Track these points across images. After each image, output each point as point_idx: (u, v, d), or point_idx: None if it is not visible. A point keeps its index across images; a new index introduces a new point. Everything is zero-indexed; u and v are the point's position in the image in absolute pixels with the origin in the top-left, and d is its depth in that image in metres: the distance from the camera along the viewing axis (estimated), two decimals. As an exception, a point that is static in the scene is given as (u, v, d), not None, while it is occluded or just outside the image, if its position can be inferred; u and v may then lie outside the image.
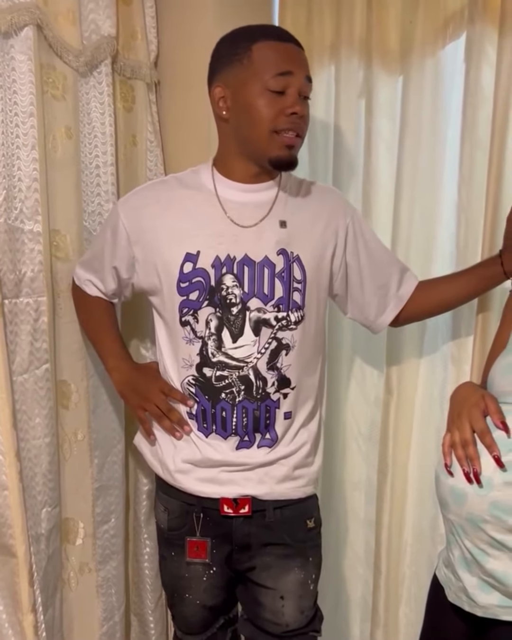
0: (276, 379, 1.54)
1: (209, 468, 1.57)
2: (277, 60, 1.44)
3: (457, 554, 1.22)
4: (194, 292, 1.52)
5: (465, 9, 1.67)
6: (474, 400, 1.23)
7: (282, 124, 1.44)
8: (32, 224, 1.67)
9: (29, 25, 1.59)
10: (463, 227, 1.73)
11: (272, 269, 1.51)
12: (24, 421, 1.72)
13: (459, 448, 1.20)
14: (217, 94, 1.49)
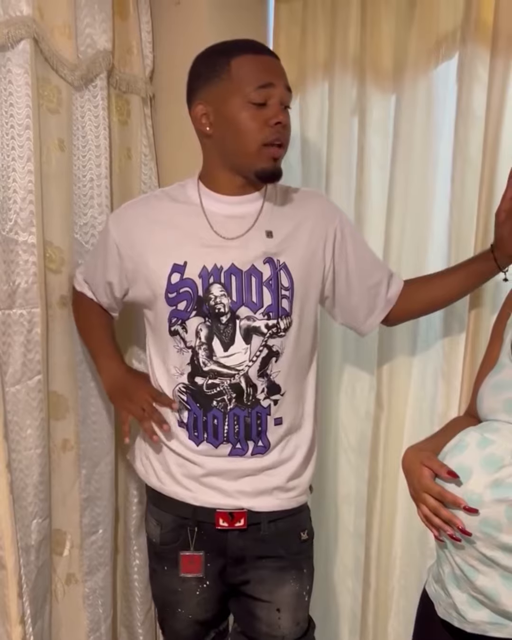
0: (265, 386, 1.55)
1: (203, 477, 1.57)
2: (257, 73, 1.46)
3: (447, 569, 1.23)
4: (182, 302, 1.53)
5: (457, 30, 1.69)
6: (418, 471, 1.26)
7: (269, 136, 1.46)
8: (27, 235, 1.68)
9: (26, 38, 1.61)
10: (454, 245, 1.75)
11: (259, 277, 1.53)
12: (15, 432, 1.72)
13: (434, 518, 1.22)
14: (199, 111, 1.51)
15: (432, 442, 1.34)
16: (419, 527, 1.90)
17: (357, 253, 1.64)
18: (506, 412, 1.22)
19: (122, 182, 1.96)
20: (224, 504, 1.57)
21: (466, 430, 1.24)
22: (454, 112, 1.71)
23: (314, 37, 1.94)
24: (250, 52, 1.49)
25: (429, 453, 1.26)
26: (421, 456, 1.26)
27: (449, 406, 1.82)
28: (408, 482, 1.30)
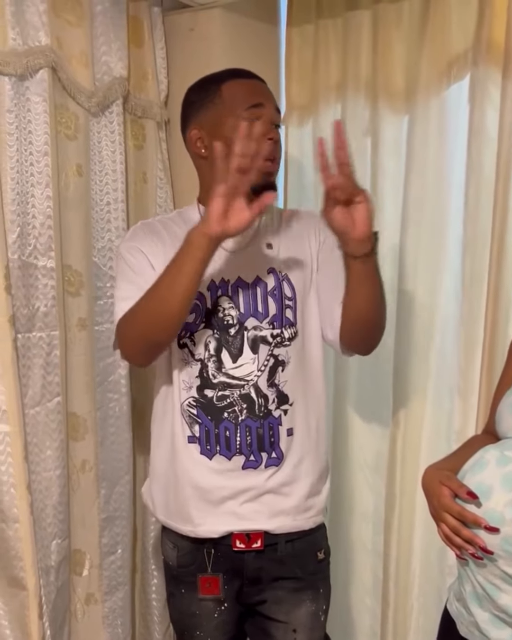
0: (275, 396, 1.56)
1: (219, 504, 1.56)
2: (246, 94, 1.54)
3: (469, 588, 1.23)
4: (191, 315, 1.55)
5: (469, 52, 1.71)
6: (437, 490, 1.26)
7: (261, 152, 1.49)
8: (46, 259, 1.71)
9: (44, 68, 1.64)
10: (468, 264, 1.76)
11: (264, 287, 1.57)
12: (35, 453, 1.74)
13: (455, 538, 1.22)
14: (194, 135, 1.58)
15: (451, 460, 1.35)
16: (438, 544, 1.90)
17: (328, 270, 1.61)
18: (525, 430, 1.23)
19: (138, 205, 1.99)
20: (241, 528, 1.57)
21: (485, 448, 1.24)
22: (467, 132, 1.73)
23: (326, 59, 1.97)
24: (238, 77, 1.57)
25: (449, 472, 1.26)
26: (440, 475, 1.27)
27: (466, 423, 1.82)
28: (428, 502, 1.31)
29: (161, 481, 1.64)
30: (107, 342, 1.92)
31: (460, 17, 1.72)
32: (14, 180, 1.63)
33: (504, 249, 1.68)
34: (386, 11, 1.83)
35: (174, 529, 1.62)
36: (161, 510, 1.64)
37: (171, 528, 1.63)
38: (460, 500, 1.22)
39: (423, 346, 1.88)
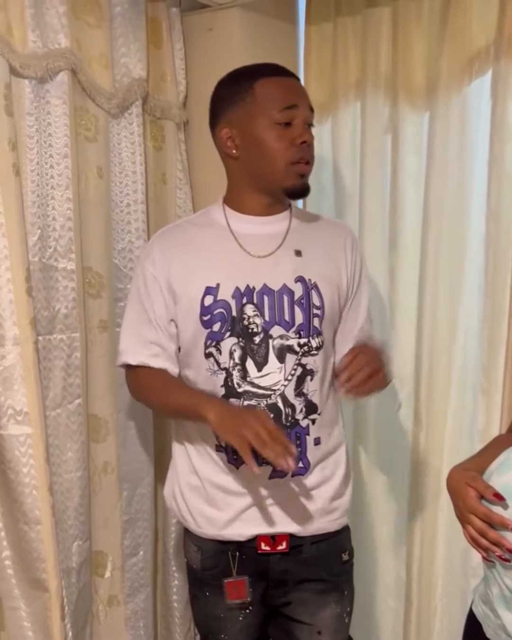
0: (303, 405, 1.54)
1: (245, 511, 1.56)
2: (281, 94, 1.50)
3: (496, 591, 1.22)
4: (217, 324, 1.53)
5: (490, 47, 1.70)
6: (463, 492, 1.24)
7: (295, 154, 1.49)
8: (66, 262, 1.71)
9: (64, 70, 1.65)
10: (491, 261, 1.75)
11: (291, 296, 1.54)
12: (56, 455, 1.74)
13: (481, 539, 1.21)
14: (224, 134, 1.54)
15: (477, 461, 1.33)
16: (461, 545, 1.88)
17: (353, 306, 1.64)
18: (553, 430, 1.21)
19: (157, 206, 1.98)
20: (266, 531, 1.56)
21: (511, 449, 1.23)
22: (489, 128, 1.71)
23: (345, 57, 1.96)
24: (272, 74, 1.53)
25: (474, 473, 1.25)
26: (466, 476, 1.25)
27: (489, 422, 1.81)
28: (453, 503, 1.29)
29: (187, 484, 1.62)
30: (128, 343, 1.93)
31: (481, 12, 1.70)
32: (34, 183, 1.64)
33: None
34: (405, 8, 1.81)
35: (199, 533, 1.61)
36: (186, 513, 1.63)
37: (195, 532, 1.62)
38: (486, 502, 1.21)
39: (446, 344, 1.87)
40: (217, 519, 1.57)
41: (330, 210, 2.03)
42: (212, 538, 1.59)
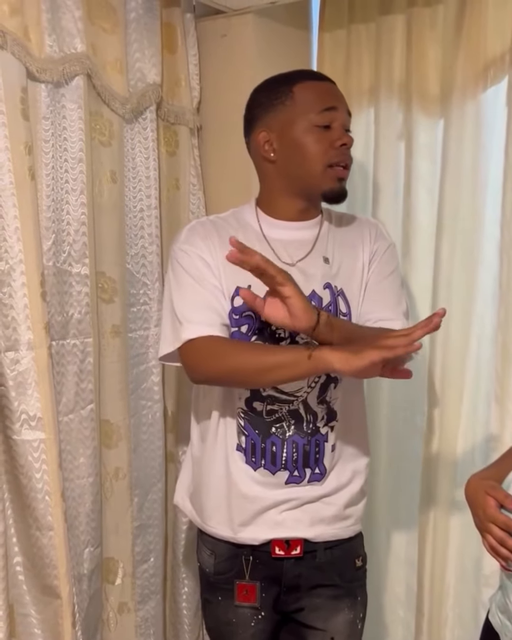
0: (325, 413, 1.54)
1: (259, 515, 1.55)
2: (320, 97, 1.50)
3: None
4: (244, 326, 1.53)
5: (506, 54, 1.70)
6: (483, 501, 1.24)
7: (334, 157, 1.49)
8: (80, 266, 1.71)
9: (80, 75, 1.65)
10: (506, 268, 1.74)
11: (319, 302, 1.53)
12: (68, 461, 1.74)
13: (501, 549, 1.20)
14: (262, 138, 1.53)
15: (495, 469, 1.33)
16: (473, 553, 1.88)
17: (374, 286, 1.59)
18: None
19: (170, 211, 1.98)
20: (281, 536, 1.55)
21: (531, 457, 1.23)
22: (504, 135, 1.71)
23: (358, 63, 1.96)
24: (311, 78, 1.54)
25: (493, 482, 1.24)
26: (485, 485, 1.25)
27: (502, 430, 1.80)
28: (472, 512, 1.28)
29: (202, 484, 1.62)
30: (140, 349, 1.92)
31: (497, 20, 1.70)
32: (50, 187, 1.64)
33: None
34: (420, 15, 1.82)
35: (213, 534, 1.60)
36: (200, 514, 1.63)
37: (209, 533, 1.61)
38: (506, 511, 1.20)
39: (459, 351, 1.86)
40: (232, 520, 1.56)
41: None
42: (226, 540, 1.58)
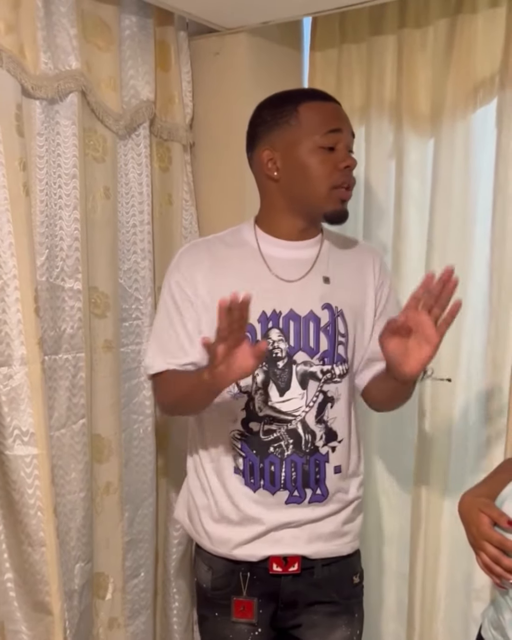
0: (323, 432, 1.54)
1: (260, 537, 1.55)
2: (325, 118, 1.51)
3: (509, 617, 1.22)
4: None
5: (496, 76, 1.73)
6: (476, 518, 1.25)
7: (338, 179, 1.51)
8: (73, 282, 1.72)
9: (74, 91, 1.66)
10: (496, 285, 1.77)
11: (317, 322, 1.54)
12: (60, 476, 1.73)
13: (495, 567, 1.21)
14: (266, 156, 1.54)
15: (488, 486, 1.33)
16: (464, 567, 1.89)
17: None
18: None
19: (163, 227, 1.99)
20: (279, 553, 1.56)
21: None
22: (494, 155, 1.74)
23: (349, 83, 1.98)
24: (316, 99, 1.54)
25: (487, 500, 1.25)
26: (479, 503, 1.25)
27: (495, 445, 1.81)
28: (466, 530, 1.29)
29: (201, 504, 1.62)
30: (132, 363, 1.92)
31: (487, 42, 1.74)
32: (43, 203, 1.65)
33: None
34: (411, 35, 1.85)
35: (211, 550, 1.60)
36: (200, 530, 1.63)
37: (208, 550, 1.61)
38: (499, 529, 1.21)
39: (449, 368, 1.87)
40: (231, 540, 1.57)
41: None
42: (224, 557, 1.59)
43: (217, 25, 1.93)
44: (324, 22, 1.99)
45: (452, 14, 1.79)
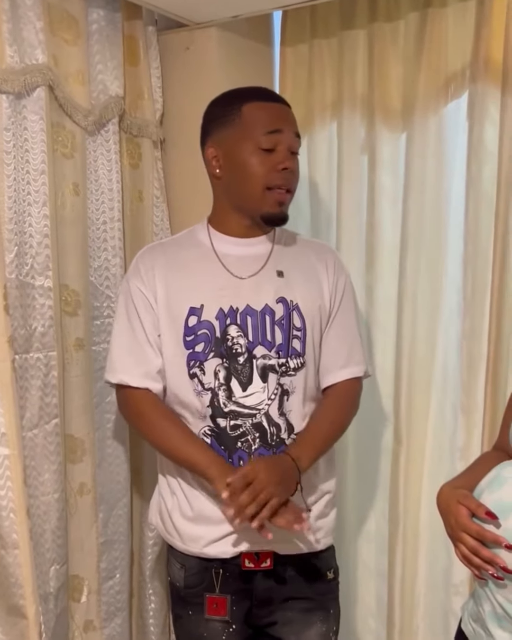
0: (286, 425, 1.55)
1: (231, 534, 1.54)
2: (266, 119, 1.51)
3: (488, 608, 1.21)
4: (200, 344, 1.54)
5: (466, 69, 1.73)
6: (455, 510, 1.24)
7: (275, 180, 1.51)
8: (43, 279, 1.69)
9: (41, 86, 1.63)
10: (469, 280, 1.77)
11: (272, 316, 1.55)
12: (33, 477, 1.71)
13: (474, 558, 1.20)
14: (210, 154, 1.56)
15: (466, 478, 1.33)
16: (443, 563, 1.90)
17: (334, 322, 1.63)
18: (542, 445, 1.22)
19: (134, 224, 1.97)
20: (251, 549, 1.55)
21: (501, 465, 1.23)
22: (466, 148, 1.75)
23: (321, 78, 1.98)
24: (261, 99, 1.55)
25: (465, 491, 1.25)
26: (457, 495, 1.25)
27: (470, 440, 1.82)
28: (444, 522, 1.29)
29: (172, 504, 1.61)
30: (104, 362, 1.87)
31: (457, 35, 1.74)
32: (12, 199, 1.62)
33: (506, 263, 1.69)
34: (381, 30, 1.84)
35: (183, 550, 1.59)
36: (171, 530, 1.61)
37: (179, 549, 1.60)
38: (478, 520, 1.21)
39: (425, 362, 1.88)
40: (203, 537, 1.56)
41: (307, 229, 2.04)
42: (196, 555, 1.58)
43: (187, 19, 1.91)
44: (294, 16, 1.99)
45: (422, 8, 1.79)
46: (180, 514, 1.59)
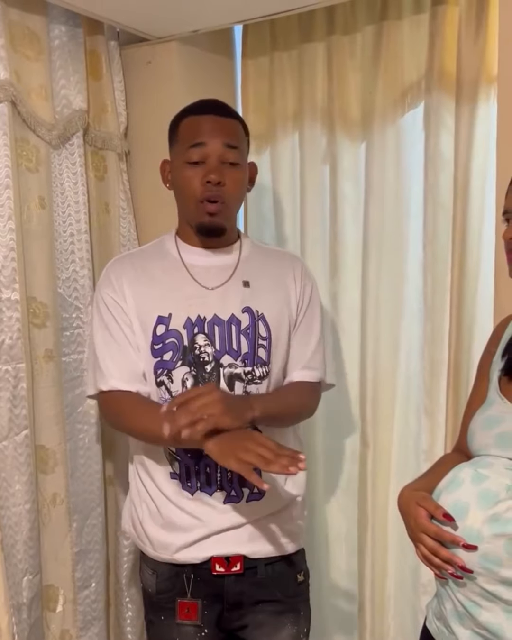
0: (251, 429, 1.54)
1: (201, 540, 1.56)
2: (191, 132, 1.54)
3: (450, 606, 1.24)
4: (168, 353, 1.56)
5: (422, 80, 1.78)
6: (414, 512, 1.27)
7: (202, 193, 1.52)
8: (10, 292, 1.70)
9: (4, 102, 1.65)
10: (430, 285, 1.81)
11: (238, 326, 1.57)
12: (3, 488, 1.71)
13: (433, 558, 1.23)
14: (162, 168, 1.63)
15: (426, 480, 1.36)
16: (411, 563, 1.92)
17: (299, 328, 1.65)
18: (498, 447, 1.25)
19: (101, 236, 1.99)
20: (221, 553, 1.57)
21: (459, 467, 1.26)
22: (423, 157, 1.79)
23: (282, 90, 2.01)
24: (194, 112, 1.57)
25: (424, 493, 1.28)
26: (416, 496, 1.28)
27: (434, 442, 1.85)
28: (405, 523, 1.31)
29: (142, 510, 1.62)
30: (75, 372, 1.91)
31: (412, 48, 1.79)
32: (-23, 214, 1.63)
33: (464, 268, 1.73)
34: (340, 42, 1.88)
35: (154, 556, 1.61)
36: (143, 537, 1.63)
37: (150, 555, 1.62)
38: (436, 521, 1.24)
39: (389, 367, 1.91)
40: (173, 544, 1.57)
41: (271, 237, 2.08)
42: (167, 561, 1.59)
43: (148, 34, 1.94)
44: (254, 30, 2.02)
45: (378, 20, 1.83)
46: (151, 521, 1.61)
